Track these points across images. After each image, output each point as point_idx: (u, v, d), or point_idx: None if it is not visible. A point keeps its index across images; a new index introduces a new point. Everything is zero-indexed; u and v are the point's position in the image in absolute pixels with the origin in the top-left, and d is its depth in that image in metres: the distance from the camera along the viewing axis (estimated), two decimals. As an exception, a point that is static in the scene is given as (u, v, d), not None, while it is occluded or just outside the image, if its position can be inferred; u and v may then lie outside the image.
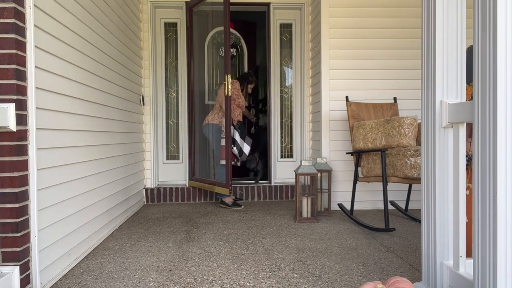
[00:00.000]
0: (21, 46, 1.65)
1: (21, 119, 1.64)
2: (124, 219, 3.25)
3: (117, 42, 3.09)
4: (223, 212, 3.56)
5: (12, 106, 1.58)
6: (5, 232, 1.62)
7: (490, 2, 1.17)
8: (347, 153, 3.50)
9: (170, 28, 4.31)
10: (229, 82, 3.56)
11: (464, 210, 1.49)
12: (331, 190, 3.62)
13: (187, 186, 4.12)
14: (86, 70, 2.41)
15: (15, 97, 1.60)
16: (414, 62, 3.68)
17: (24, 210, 1.67)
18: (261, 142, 5.07)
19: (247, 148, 3.96)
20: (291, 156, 4.41)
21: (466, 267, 1.47)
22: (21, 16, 1.65)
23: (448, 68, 1.55)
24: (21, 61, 1.65)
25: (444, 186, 1.57)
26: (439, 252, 1.57)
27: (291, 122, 4.39)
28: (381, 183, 3.61)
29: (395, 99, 3.56)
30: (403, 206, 3.61)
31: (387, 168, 2.90)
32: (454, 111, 1.48)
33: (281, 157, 4.40)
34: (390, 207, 3.69)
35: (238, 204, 3.80)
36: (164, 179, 4.33)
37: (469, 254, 1.66)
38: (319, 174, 3.47)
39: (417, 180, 2.76)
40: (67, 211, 2.11)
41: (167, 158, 4.34)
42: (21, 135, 1.65)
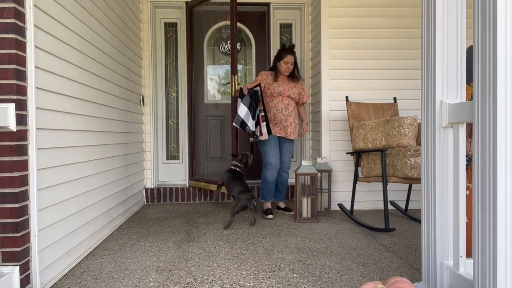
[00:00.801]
0: (21, 46, 1.65)
1: (21, 119, 1.64)
2: (124, 219, 3.25)
3: (117, 42, 3.09)
4: (223, 212, 3.56)
5: (12, 106, 1.58)
6: (5, 232, 1.62)
7: (490, 2, 1.17)
8: (347, 153, 3.50)
9: (170, 28, 4.31)
10: (236, 83, 3.54)
11: (464, 210, 1.49)
12: (331, 190, 3.62)
13: (187, 186, 4.12)
14: (86, 70, 2.41)
15: (15, 97, 1.60)
16: (414, 62, 3.68)
17: (24, 210, 1.67)
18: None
19: (245, 116, 3.20)
20: (291, 156, 4.40)
21: (466, 267, 1.47)
22: (21, 16, 1.65)
23: (448, 68, 1.55)
24: (21, 61, 1.65)
25: (444, 186, 1.57)
26: (439, 252, 1.57)
27: (291, 122, 4.38)
28: (381, 183, 3.61)
29: (395, 99, 3.56)
30: (403, 206, 3.61)
31: (387, 168, 2.90)
32: (454, 111, 1.48)
33: (281, 157, 4.39)
34: (390, 207, 3.69)
35: (272, 212, 3.40)
36: (164, 179, 4.33)
37: (469, 254, 1.66)
38: (319, 174, 3.47)
39: (417, 180, 2.76)
40: (67, 211, 2.11)
41: (167, 158, 4.34)
42: (21, 135, 1.65)
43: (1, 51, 1.59)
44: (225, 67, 4.32)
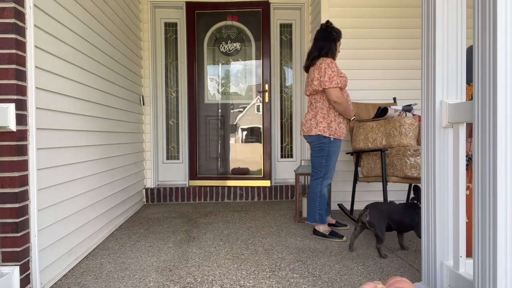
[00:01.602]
0: (21, 46, 1.65)
1: (21, 119, 1.64)
2: (124, 219, 3.25)
3: (117, 42, 3.09)
4: (223, 212, 3.56)
5: (12, 106, 1.58)
6: (5, 232, 1.62)
7: (490, 2, 1.17)
8: (347, 153, 3.49)
9: (170, 28, 4.31)
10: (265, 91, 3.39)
11: (464, 210, 1.49)
12: (331, 190, 3.62)
13: (187, 186, 4.12)
14: (86, 70, 2.41)
15: (15, 97, 1.60)
16: (414, 62, 3.68)
17: (24, 210, 1.67)
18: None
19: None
20: (291, 156, 4.41)
21: (466, 267, 1.48)
22: (21, 16, 1.65)
23: (448, 68, 1.55)
24: (21, 61, 1.65)
25: (444, 186, 1.57)
26: (439, 252, 1.57)
27: (291, 122, 4.39)
28: (381, 183, 3.60)
29: (395, 99, 3.55)
30: (403, 206, 3.61)
31: (387, 168, 2.90)
32: (454, 111, 1.48)
33: (281, 157, 4.40)
34: (390, 207, 3.68)
35: (339, 235, 2.64)
36: (164, 179, 4.33)
37: (469, 254, 1.66)
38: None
39: (417, 180, 2.75)
40: (67, 211, 2.11)
41: (167, 158, 4.34)
42: (21, 135, 1.65)
43: (1, 51, 1.59)
44: (225, 67, 4.32)
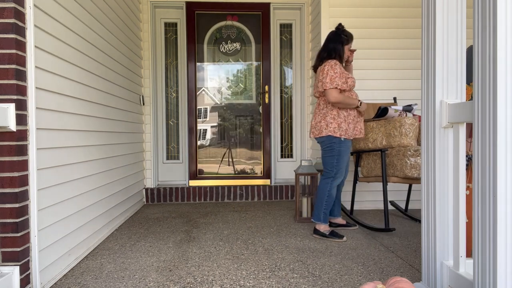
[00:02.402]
0: (21, 46, 1.65)
1: (21, 119, 1.64)
2: (124, 219, 3.25)
3: (117, 42, 3.09)
4: (223, 212, 3.56)
5: (12, 106, 1.58)
6: (5, 232, 1.62)
7: (490, 2, 1.17)
8: (347, 153, 3.49)
9: (170, 28, 4.30)
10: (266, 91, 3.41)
11: (464, 210, 1.49)
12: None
13: (187, 186, 4.12)
14: (86, 70, 2.41)
15: (15, 97, 1.60)
16: (414, 62, 3.68)
17: (24, 210, 1.67)
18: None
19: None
20: (291, 156, 4.41)
21: (466, 267, 1.48)
22: (21, 16, 1.65)
23: (448, 68, 1.55)
24: (21, 61, 1.65)
25: (444, 186, 1.57)
26: (439, 252, 1.57)
27: (291, 122, 4.39)
28: (381, 183, 3.60)
29: (395, 99, 3.55)
30: (403, 206, 3.61)
31: (387, 168, 2.90)
32: (454, 111, 1.48)
33: (281, 157, 4.40)
34: (390, 207, 3.68)
35: (339, 235, 2.66)
36: (164, 179, 4.33)
37: (469, 254, 1.66)
38: (319, 174, 3.46)
39: (417, 180, 2.75)
40: (67, 211, 2.11)
41: (167, 158, 4.34)
42: (21, 135, 1.65)
43: (1, 51, 1.59)
44: (225, 67, 4.32)
